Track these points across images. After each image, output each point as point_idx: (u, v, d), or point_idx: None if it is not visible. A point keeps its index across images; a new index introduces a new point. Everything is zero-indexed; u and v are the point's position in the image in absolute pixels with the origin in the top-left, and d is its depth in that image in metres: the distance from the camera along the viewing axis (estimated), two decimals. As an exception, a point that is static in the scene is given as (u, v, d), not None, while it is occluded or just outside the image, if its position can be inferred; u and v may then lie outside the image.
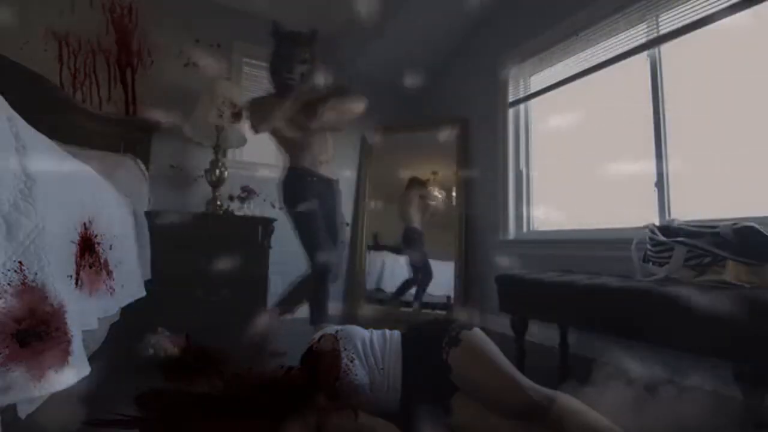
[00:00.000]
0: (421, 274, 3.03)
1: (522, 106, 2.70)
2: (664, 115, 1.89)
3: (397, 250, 3.16)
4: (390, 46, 3.04)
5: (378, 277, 3.17)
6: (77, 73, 2.39)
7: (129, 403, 0.86)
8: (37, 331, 0.65)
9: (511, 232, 2.63)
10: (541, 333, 2.07)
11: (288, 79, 1.97)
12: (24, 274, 0.65)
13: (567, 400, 0.97)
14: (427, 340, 1.14)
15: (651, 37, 1.94)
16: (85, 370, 0.74)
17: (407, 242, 3.11)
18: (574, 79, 2.31)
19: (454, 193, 3.07)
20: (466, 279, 2.88)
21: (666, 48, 1.91)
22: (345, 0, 2.50)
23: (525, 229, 2.61)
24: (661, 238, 1.35)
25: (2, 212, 0.63)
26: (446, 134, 3.02)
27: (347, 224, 2.10)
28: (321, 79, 2.05)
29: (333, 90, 2.06)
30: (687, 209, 1.78)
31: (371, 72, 3.26)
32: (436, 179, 3.21)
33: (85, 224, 0.95)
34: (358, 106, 2.10)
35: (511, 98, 2.72)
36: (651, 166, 1.90)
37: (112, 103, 2.47)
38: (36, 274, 0.67)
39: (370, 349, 1.15)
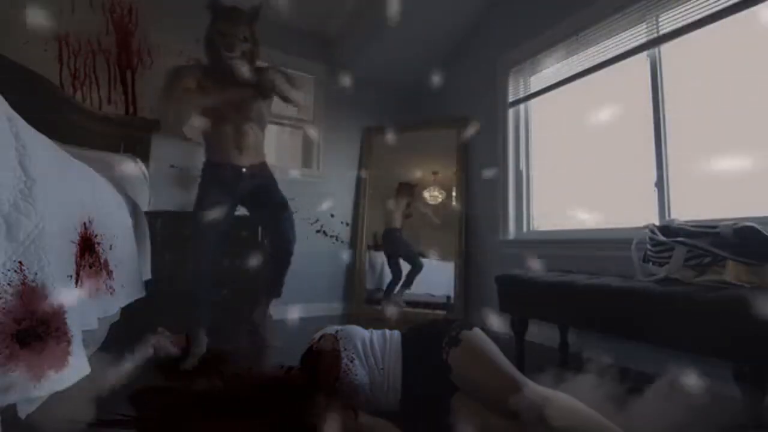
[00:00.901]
0: (410, 267, 3.06)
1: (522, 106, 2.70)
2: (664, 115, 1.89)
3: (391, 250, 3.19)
4: (390, 46, 3.04)
5: (378, 277, 3.17)
6: (77, 73, 2.39)
7: (128, 403, 0.87)
8: (37, 331, 0.65)
9: (511, 232, 2.63)
10: (541, 333, 2.07)
11: (228, 57, 1.87)
12: (24, 274, 0.65)
13: (566, 399, 0.97)
14: (427, 340, 1.14)
15: (651, 37, 1.94)
16: (85, 370, 0.74)
17: (387, 243, 3.16)
18: (574, 79, 2.30)
19: (454, 193, 3.07)
20: (466, 279, 2.88)
21: (666, 48, 1.91)
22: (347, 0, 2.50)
23: (525, 229, 2.61)
24: (661, 238, 1.35)
25: (2, 212, 0.63)
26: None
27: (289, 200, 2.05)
28: (260, 59, 1.94)
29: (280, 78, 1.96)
30: (687, 209, 1.78)
31: (371, 72, 3.26)
32: (436, 179, 3.21)
33: (85, 224, 0.95)
34: (298, 101, 2.04)
35: (511, 98, 2.71)
36: (651, 165, 1.90)
37: (112, 103, 2.47)
38: (36, 274, 0.67)
39: (370, 349, 1.15)
